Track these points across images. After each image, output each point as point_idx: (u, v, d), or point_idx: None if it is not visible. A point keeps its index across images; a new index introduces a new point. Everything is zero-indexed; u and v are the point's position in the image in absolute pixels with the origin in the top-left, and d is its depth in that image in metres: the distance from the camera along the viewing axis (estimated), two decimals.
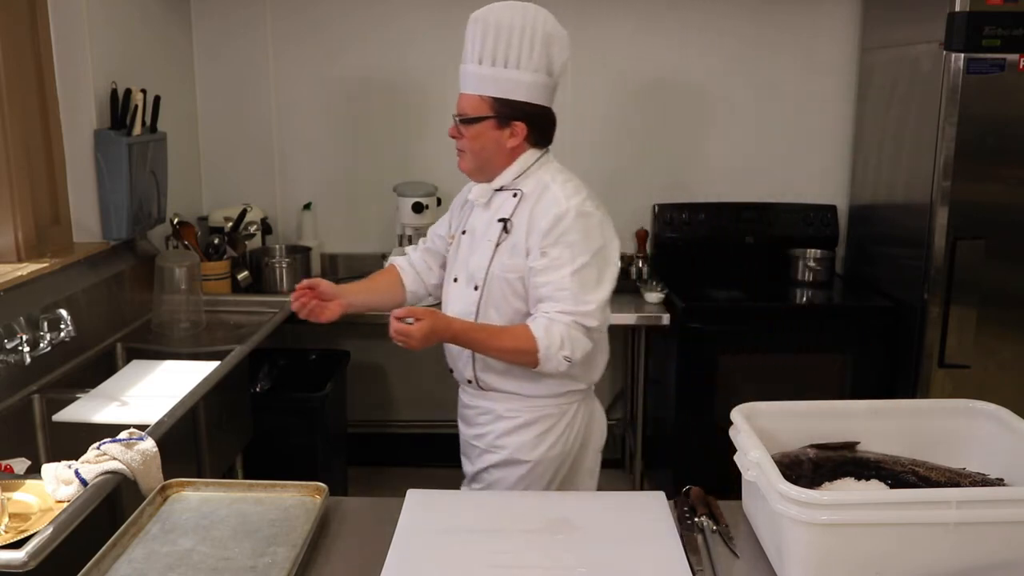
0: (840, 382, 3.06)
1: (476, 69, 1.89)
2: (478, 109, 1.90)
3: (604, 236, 1.91)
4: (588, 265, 1.86)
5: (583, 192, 1.92)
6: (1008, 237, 2.80)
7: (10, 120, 2.32)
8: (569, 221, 1.86)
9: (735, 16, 3.43)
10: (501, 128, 1.91)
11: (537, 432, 1.98)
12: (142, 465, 1.58)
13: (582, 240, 1.86)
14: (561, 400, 2.00)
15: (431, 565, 1.36)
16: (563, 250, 1.85)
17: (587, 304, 1.84)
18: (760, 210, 3.47)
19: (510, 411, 1.99)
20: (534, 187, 1.93)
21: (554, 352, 1.82)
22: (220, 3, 3.44)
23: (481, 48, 1.87)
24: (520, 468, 1.99)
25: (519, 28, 1.86)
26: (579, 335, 1.85)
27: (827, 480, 1.46)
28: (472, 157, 1.94)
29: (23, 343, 2.10)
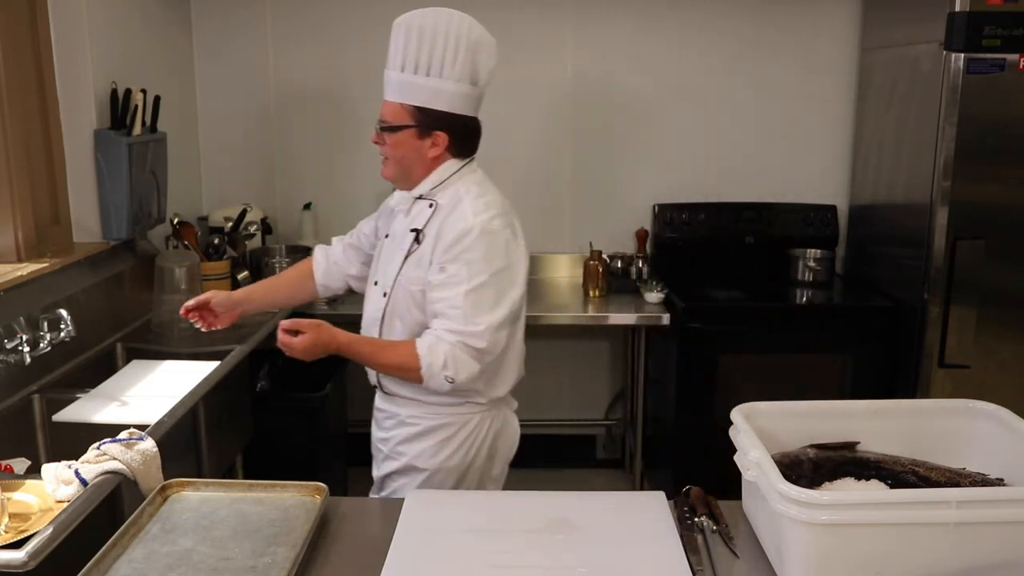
0: (840, 382, 3.06)
1: (398, 76, 1.86)
2: (399, 117, 1.87)
3: (509, 257, 1.86)
4: (485, 285, 1.81)
5: (494, 209, 1.88)
6: (1008, 237, 2.80)
7: (10, 120, 2.32)
8: (471, 239, 1.82)
9: (735, 16, 3.43)
10: (422, 137, 1.87)
11: (436, 440, 1.94)
12: (142, 465, 1.58)
13: (482, 259, 1.82)
14: (462, 409, 1.95)
15: (431, 565, 1.36)
16: (461, 267, 1.81)
17: (476, 325, 1.80)
18: (760, 210, 3.47)
19: (412, 417, 1.96)
20: (449, 199, 1.89)
21: (436, 371, 1.79)
22: (220, 3, 3.44)
23: (404, 54, 1.84)
24: (419, 476, 1.96)
25: (443, 35, 1.83)
26: (465, 356, 1.80)
27: (827, 480, 1.46)
28: (393, 165, 1.91)
29: (23, 343, 2.10)
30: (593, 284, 3.27)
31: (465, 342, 1.80)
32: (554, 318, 3.18)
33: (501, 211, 1.89)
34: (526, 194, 3.57)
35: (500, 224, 1.86)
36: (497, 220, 1.86)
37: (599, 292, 3.26)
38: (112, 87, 2.68)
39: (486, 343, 1.81)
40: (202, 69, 3.49)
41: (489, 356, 1.85)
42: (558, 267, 3.61)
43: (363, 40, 3.47)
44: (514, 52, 3.47)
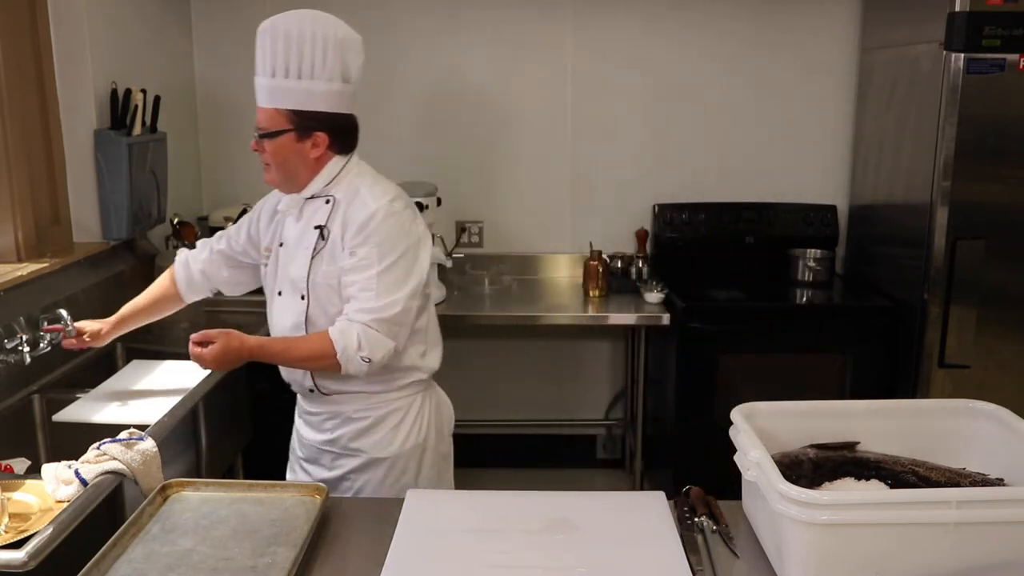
0: (840, 382, 3.06)
1: (269, 82, 1.84)
2: (276, 122, 1.86)
3: (412, 234, 1.91)
4: (395, 264, 1.85)
5: (391, 193, 1.92)
6: (1008, 237, 2.80)
7: (10, 120, 2.32)
8: (376, 222, 1.85)
9: (735, 16, 3.43)
10: (302, 140, 1.87)
11: (389, 428, 1.99)
12: (142, 465, 1.58)
13: (389, 240, 1.86)
14: (405, 392, 2.00)
15: (431, 565, 1.36)
16: (370, 250, 1.85)
17: (390, 303, 1.84)
18: (760, 210, 3.47)
19: (359, 412, 1.98)
20: (345, 192, 1.92)
21: (352, 354, 1.82)
22: (220, 3, 3.44)
23: (273, 59, 1.84)
24: (382, 466, 1.99)
25: (310, 37, 1.83)
26: (377, 335, 1.83)
27: (827, 480, 1.46)
28: (277, 170, 1.91)
29: (23, 343, 2.10)
30: (593, 284, 3.27)
31: (379, 318, 1.83)
32: (554, 318, 3.18)
33: (398, 194, 1.94)
34: (526, 194, 3.58)
35: (401, 205, 1.91)
36: (397, 202, 1.91)
37: (599, 292, 3.26)
38: (112, 87, 2.68)
39: (399, 311, 1.85)
40: (202, 69, 3.49)
41: (401, 330, 1.88)
42: (558, 267, 3.61)
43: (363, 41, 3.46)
44: (514, 52, 3.48)
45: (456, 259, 3.36)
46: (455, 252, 3.42)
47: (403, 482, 2.01)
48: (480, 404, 3.74)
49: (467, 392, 3.72)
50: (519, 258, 3.59)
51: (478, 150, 3.54)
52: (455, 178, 3.51)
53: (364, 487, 2.00)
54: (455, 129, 3.53)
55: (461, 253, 3.46)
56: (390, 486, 2.00)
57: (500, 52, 3.47)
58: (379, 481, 2.00)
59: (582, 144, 3.54)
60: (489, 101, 3.51)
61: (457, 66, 3.47)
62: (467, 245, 3.58)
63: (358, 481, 2.01)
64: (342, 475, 2.02)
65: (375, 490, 1.99)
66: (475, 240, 3.60)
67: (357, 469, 2.00)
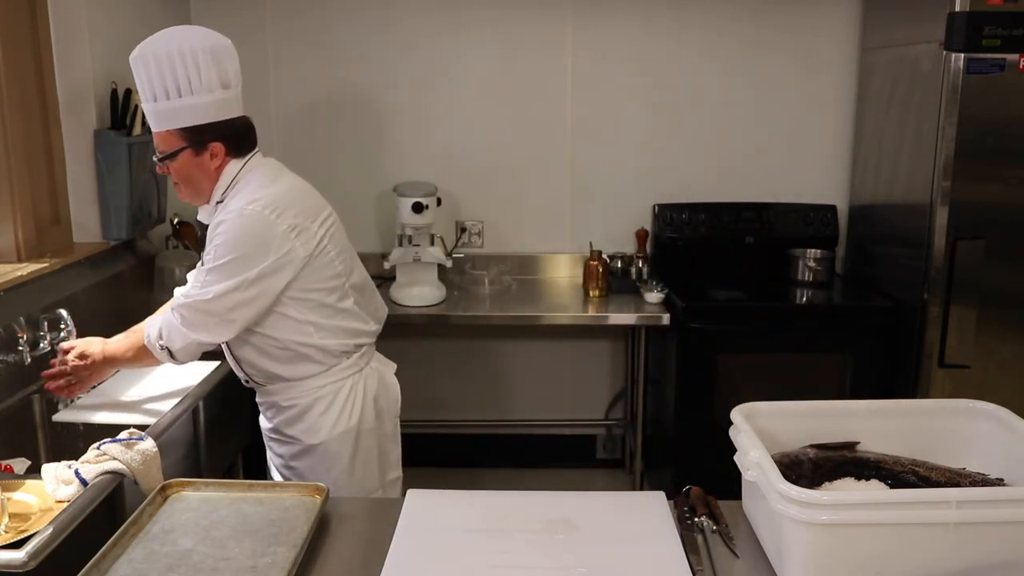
0: (840, 382, 3.06)
1: (153, 106, 1.88)
2: (171, 143, 1.90)
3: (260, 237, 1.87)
4: (229, 263, 1.85)
5: (257, 195, 1.90)
6: (1008, 237, 2.80)
7: (10, 120, 2.32)
8: (226, 224, 1.87)
9: (735, 16, 3.43)
10: (199, 154, 1.91)
11: (316, 414, 2.02)
12: (142, 465, 1.58)
13: (231, 240, 1.86)
14: (327, 378, 2.03)
15: (431, 565, 1.36)
16: (212, 248, 1.88)
17: (203, 292, 1.86)
18: (760, 210, 3.47)
19: (288, 400, 2.03)
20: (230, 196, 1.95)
21: (153, 341, 1.90)
22: (220, 4, 3.44)
23: (151, 84, 1.86)
24: (316, 452, 2.04)
25: (179, 54, 1.85)
26: (177, 326, 1.87)
27: (827, 480, 1.46)
28: (184, 187, 1.97)
29: (23, 343, 2.10)
30: (593, 284, 3.27)
31: (185, 303, 1.87)
32: (554, 318, 3.19)
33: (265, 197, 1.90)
34: (526, 194, 3.58)
35: (259, 207, 1.88)
36: (256, 204, 1.88)
37: (599, 292, 3.26)
38: (112, 87, 2.68)
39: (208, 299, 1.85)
40: None
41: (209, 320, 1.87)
42: (558, 267, 3.61)
43: (363, 42, 3.47)
44: (514, 52, 3.47)
45: (456, 259, 3.37)
46: (455, 252, 3.42)
47: (339, 467, 2.05)
48: (480, 404, 3.74)
49: (467, 392, 3.74)
50: (519, 258, 3.59)
51: (478, 150, 3.54)
52: (455, 178, 3.51)
53: (307, 473, 2.05)
54: (455, 129, 3.53)
55: (461, 253, 3.46)
56: (327, 470, 2.04)
57: (500, 52, 3.47)
58: (315, 465, 2.05)
59: (582, 144, 3.54)
60: (489, 101, 3.51)
61: (457, 66, 3.47)
62: (467, 245, 3.58)
63: (300, 464, 2.07)
64: (286, 462, 2.09)
65: (314, 474, 2.03)
66: (475, 240, 3.60)
67: (296, 455, 2.06)
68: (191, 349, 1.91)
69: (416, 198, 3.14)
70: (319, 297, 1.98)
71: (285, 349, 1.98)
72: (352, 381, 2.07)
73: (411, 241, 3.23)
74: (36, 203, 2.46)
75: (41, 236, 2.47)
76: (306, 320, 1.97)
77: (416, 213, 3.14)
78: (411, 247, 3.23)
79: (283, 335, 1.96)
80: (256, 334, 1.96)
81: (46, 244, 2.48)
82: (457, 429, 3.76)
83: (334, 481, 2.01)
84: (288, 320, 1.95)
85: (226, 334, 1.92)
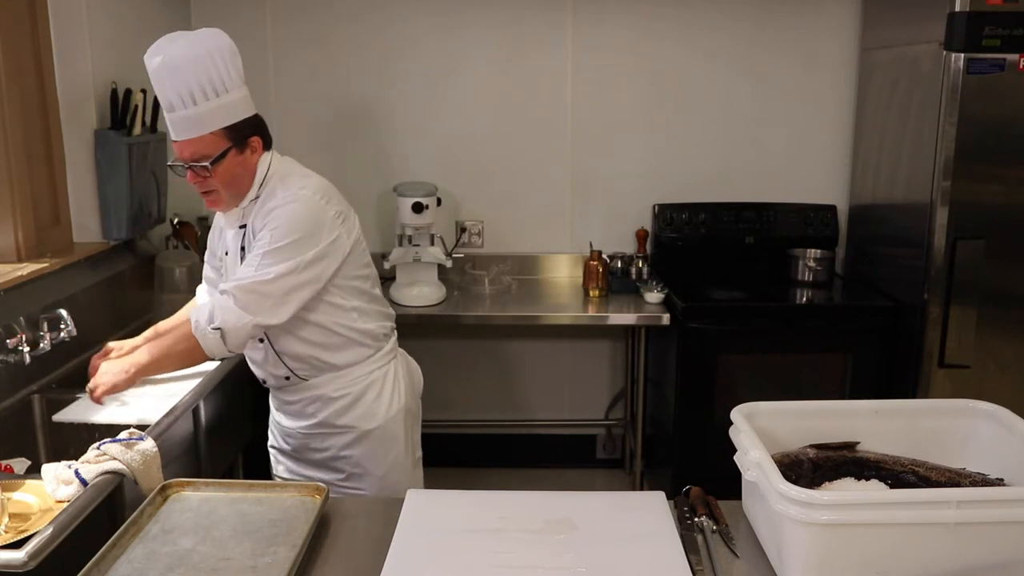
0: (840, 382, 3.06)
1: (192, 111, 1.87)
2: (216, 146, 1.89)
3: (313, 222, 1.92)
4: (284, 247, 1.88)
5: (302, 182, 1.98)
6: (1008, 237, 2.80)
7: (10, 120, 2.32)
8: (279, 208, 1.91)
9: (735, 16, 3.43)
10: (242, 152, 1.93)
11: (371, 399, 2.08)
12: (142, 465, 1.58)
13: (286, 224, 1.89)
14: (376, 365, 2.10)
15: (431, 565, 1.36)
16: (266, 233, 1.90)
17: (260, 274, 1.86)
18: (760, 210, 3.47)
19: (338, 390, 2.06)
20: (266, 189, 1.98)
21: (204, 327, 1.85)
22: (220, 4, 3.44)
23: (187, 89, 1.85)
24: (373, 436, 2.08)
25: (207, 56, 1.87)
26: (232, 307, 1.85)
27: (827, 480, 1.46)
28: (226, 192, 1.95)
29: (23, 343, 2.10)
30: (593, 284, 3.27)
31: (240, 285, 1.86)
32: (554, 318, 3.19)
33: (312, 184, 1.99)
34: (526, 194, 3.58)
35: (309, 193, 1.95)
36: (305, 190, 1.95)
37: (599, 292, 3.26)
38: (112, 87, 2.68)
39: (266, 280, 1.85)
40: None
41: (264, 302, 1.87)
42: (558, 267, 3.61)
43: (363, 42, 3.47)
44: (514, 52, 3.48)
45: (456, 259, 3.37)
46: (455, 252, 3.42)
47: (396, 447, 2.12)
48: (480, 404, 3.74)
49: (467, 392, 3.74)
50: (519, 258, 3.59)
51: (478, 150, 3.54)
52: (455, 178, 3.51)
53: (361, 458, 2.09)
54: (455, 129, 3.53)
55: (461, 253, 3.46)
56: (386, 452, 2.10)
57: (500, 52, 3.47)
58: (373, 450, 2.09)
59: (582, 144, 3.54)
60: (489, 101, 3.51)
61: (457, 66, 3.47)
62: (467, 245, 3.58)
63: (354, 453, 2.09)
64: (336, 453, 2.09)
65: (373, 458, 2.08)
66: (475, 240, 3.60)
67: (350, 444, 2.08)
68: (245, 331, 1.88)
69: (416, 198, 3.14)
70: (359, 284, 2.05)
71: (336, 335, 2.03)
72: (395, 363, 2.15)
73: (411, 241, 3.23)
74: (36, 203, 2.46)
75: (41, 236, 2.47)
76: (351, 306, 2.03)
77: (416, 213, 3.14)
78: (411, 247, 3.23)
79: (332, 322, 2.01)
80: (307, 325, 1.99)
81: (46, 244, 2.48)
82: (457, 429, 3.76)
83: (392, 461, 2.11)
84: (335, 307, 2.01)
85: (279, 317, 1.91)
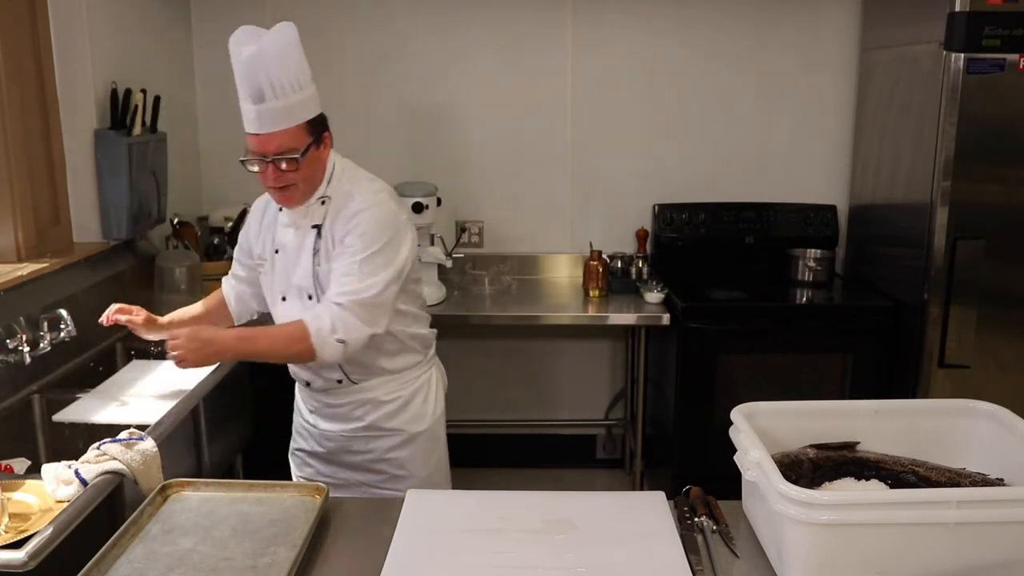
0: (840, 382, 3.06)
1: (282, 103, 1.85)
2: (301, 140, 1.87)
3: (394, 226, 1.94)
4: (377, 252, 1.89)
5: (377, 184, 2.00)
6: (1008, 237, 2.80)
7: (10, 120, 2.32)
8: (363, 212, 1.91)
9: (735, 16, 3.43)
10: (319, 147, 1.92)
11: (420, 403, 2.11)
12: (142, 465, 1.58)
13: (373, 229, 1.89)
14: (424, 368, 2.13)
15: (431, 565, 1.36)
16: (355, 239, 1.89)
17: (368, 286, 1.87)
18: (760, 210, 3.47)
19: (389, 394, 2.06)
20: (336, 188, 1.96)
21: (326, 335, 1.84)
22: (220, 3, 3.44)
23: (277, 81, 1.85)
24: (420, 438, 2.10)
25: (294, 45, 1.88)
26: (352, 318, 1.85)
27: (827, 480, 1.46)
28: (304, 187, 1.93)
29: (23, 343, 2.10)
30: (593, 284, 3.27)
31: (356, 299, 1.86)
32: (554, 318, 3.18)
33: (383, 185, 2.02)
34: (526, 194, 3.58)
35: (386, 196, 1.97)
36: (383, 193, 1.97)
37: (599, 292, 3.26)
38: (112, 87, 2.68)
39: (376, 292, 1.87)
40: (202, 69, 3.49)
41: (378, 313, 1.89)
42: (558, 267, 3.61)
43: (363, 41, 3.47)
44: (514, 52, 3.47)
45: (456, 259, 3.37)
46: (455, 252, 3.42)
47: (439, 448, 2.17)
48: (480, 404, 3.74)
49: (467, 392, 3.73)
50: (519, 258, 3.59)
51: (478, 150, 3.54)
52: (455, 178, 3.51)
53: (407, 460, 2.09)
54: (455, 129, 3.53)
55: (461, 253, 3.46)
56: (430, 453, 2.13)
57: (500, 51, 3.47)
58: (418, 452, 2.11)
59: (582, 144, 3.54)
60: (489, 100, 3.51)
61: (457, 66, 3.47)
62: (467, 245, 3.58)
63: (400, 456, 2.09)
64: (380, 456, 2.09)
65: (418, 460, 2.10)
66: (475, 240, 3.60)
67: (396, 447, 2.09)
68: (363, 341, 1.90)
69: (416, 198, 3.14)
70: (415, 287, 2.06)
71: (396, 341, 2.02)
72: (434, 366, 2.18)
73: None
74: (36, 203, 2.47)
75: (41, 236, 2.47)
76: (408, 311, 2.04)
77: (416, 213, 3.14)
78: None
79: (395, 327, 2.00)
80: None
81: (46, 244, 2.48)
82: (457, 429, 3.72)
83: (435, 463, 2.15)
84: (398, 312, 1.99)
85: (384, 325, 1.94)
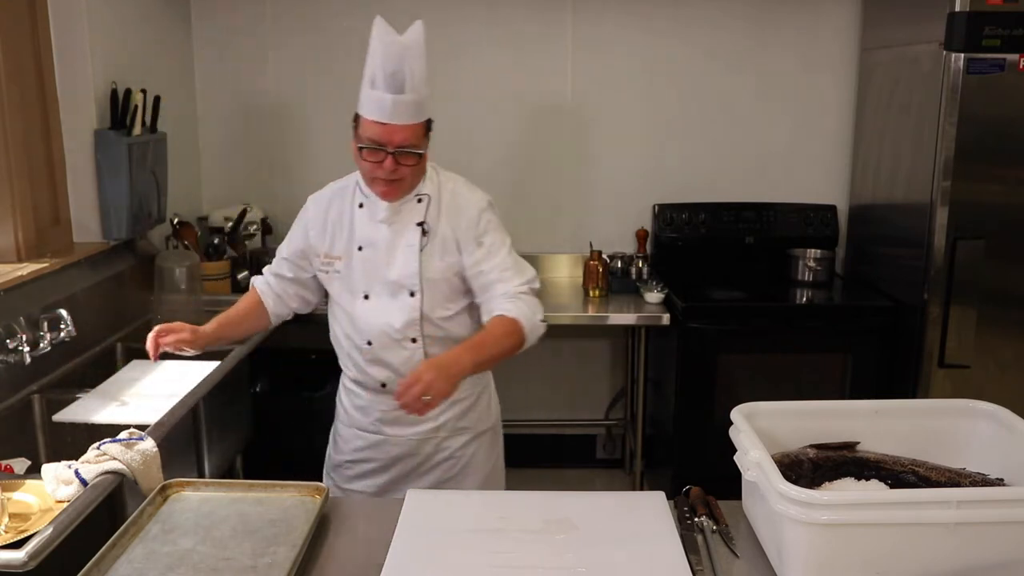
0: (840, 382, 3.06)
1: (417, 97, 1.88)
2: (421, 136, 1.91)
3: None
4: (510, 244, 2.00)
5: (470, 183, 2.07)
6: (1008, 237, 2.80)
7: (10, 120, 2.32)
8: (488, 212, 1.99)
9: (735, 16, 3.43)
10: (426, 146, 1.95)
11: (485, 401, 2.14)
12: (142, 465, 1.58)
13: (500, 225, 2.01)
14: None
15: (431, 565, 1.36)
16: (494, 236, 1.97)
17: (528, 272, 1.99)
18: (760, 210, 3.47)
19: (462, 392, 2.06)
20: (433, 189, 1.99)
21: (536, 322, 1.93)
22: (220, 3, 3.44)
23: (418, 74, 1.88)
24: (486, 436, 2.14)
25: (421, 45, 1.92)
26: (536, 301, 1.97)
27: (827, 480, 1.46)
28: (412, 183, 1.95)
29: (23, 343, 2.10)
30: (593, 284, 3.27)
31: (532, 288, 1.98)
32: (554, 318, 3.17)
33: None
34: (526, 194, 3.57)
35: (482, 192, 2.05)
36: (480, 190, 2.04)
37: (599, 292, 3.26)
38: (112, 87, 2.68)
39: (535, 275, 2.01)
40: (202, 69, 3.49)
41: None
42: (558, 267, 3.61)
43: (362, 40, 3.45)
44: (514, 52, 3.47)
45: None
46: None
47: (499, 444, 2.22)
48: None
49: None
50: None
51: (478, 150, 3.54)
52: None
53: (473, 458, 2.11)
54: (455, 129, 3.52)
55: None
56: (492, 448, 2.17)
57: (499, 51, 3.47)
58: (485, 449, 2.14)
59: (582, 143, 3.54)
60: (489, 100, 3.51)
61: (457, 65, 3.47)
62: None
63: (465, 455, 2.10)
64: (449, 455, 2.09)
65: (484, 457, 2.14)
66: None
67: (464, 445, 2.10)
68: None
69: None
70: None
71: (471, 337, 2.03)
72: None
73: None
74: (36, 203, 2.47)
75: (41, 236, 2.47)
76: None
77: None
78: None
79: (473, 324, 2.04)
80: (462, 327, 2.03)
81: (46, 244, 2.48)
82: None
83: (496, 459, 2.20)
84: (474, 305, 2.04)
85: None
